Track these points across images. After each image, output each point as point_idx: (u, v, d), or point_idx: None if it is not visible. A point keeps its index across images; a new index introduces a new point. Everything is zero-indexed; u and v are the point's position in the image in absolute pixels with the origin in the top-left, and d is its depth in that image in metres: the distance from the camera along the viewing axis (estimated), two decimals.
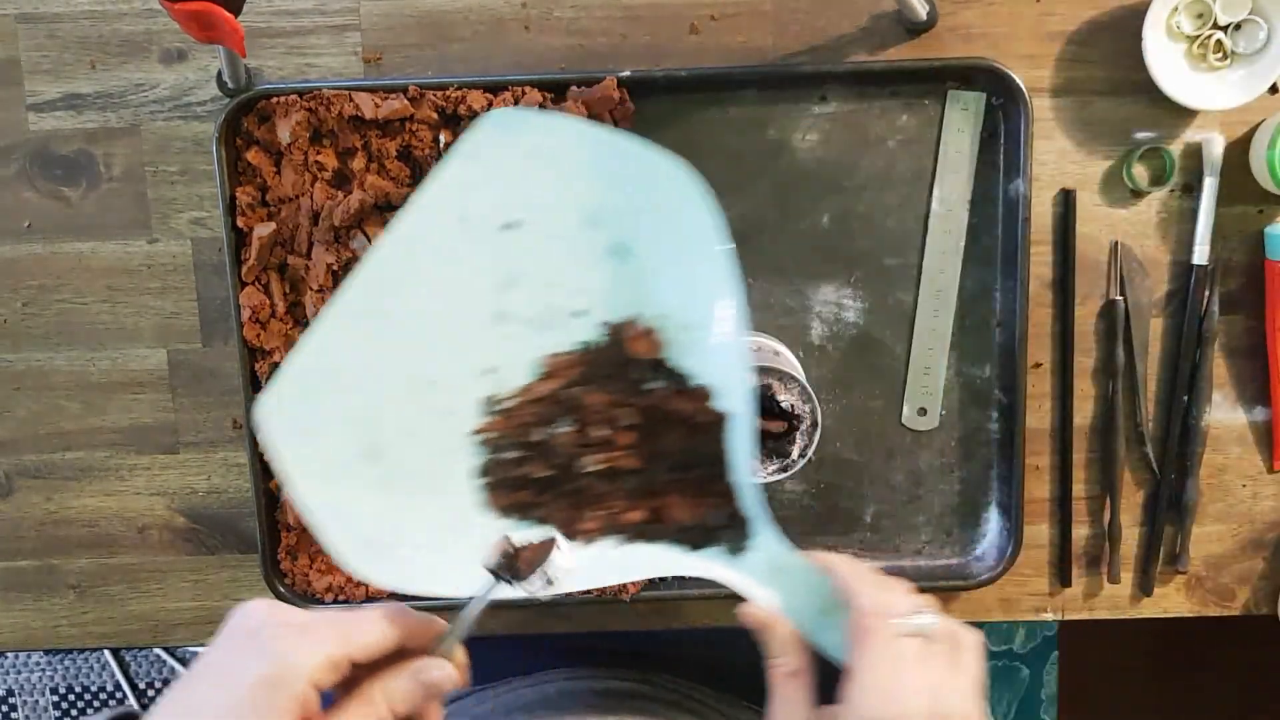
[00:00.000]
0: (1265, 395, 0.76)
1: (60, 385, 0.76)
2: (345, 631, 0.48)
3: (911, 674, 0.52)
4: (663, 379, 0.61)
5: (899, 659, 0.52)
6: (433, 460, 0.61)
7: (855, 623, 0.53)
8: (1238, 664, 1.38)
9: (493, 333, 0.61)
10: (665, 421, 0.61)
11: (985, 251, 0.74)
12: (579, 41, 0.72)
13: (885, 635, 0.52)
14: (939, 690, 0.51)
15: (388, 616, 0.50)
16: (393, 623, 0.50)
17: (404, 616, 0.50)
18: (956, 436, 0.76)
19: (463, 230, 0.61)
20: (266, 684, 0.46)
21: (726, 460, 0.59)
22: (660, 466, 0.61)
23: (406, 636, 0.50)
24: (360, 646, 0.48)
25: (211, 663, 0.49)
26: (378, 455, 0.60)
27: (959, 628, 0.54)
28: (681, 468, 0.61)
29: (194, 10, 0.52)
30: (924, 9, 0.69)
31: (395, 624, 0.50)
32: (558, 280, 0.61)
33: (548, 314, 0.61)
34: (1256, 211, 0.74)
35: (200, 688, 0.48)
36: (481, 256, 0.61)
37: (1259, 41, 0.70)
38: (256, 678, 0.46)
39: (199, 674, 0.49)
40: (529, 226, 0.61)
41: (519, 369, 0.61)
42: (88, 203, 0.74)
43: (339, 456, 0.60)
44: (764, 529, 0.58)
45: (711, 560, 0.58)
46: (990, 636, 1.21)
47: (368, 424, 0.60)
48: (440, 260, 0.61)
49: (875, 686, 0.51)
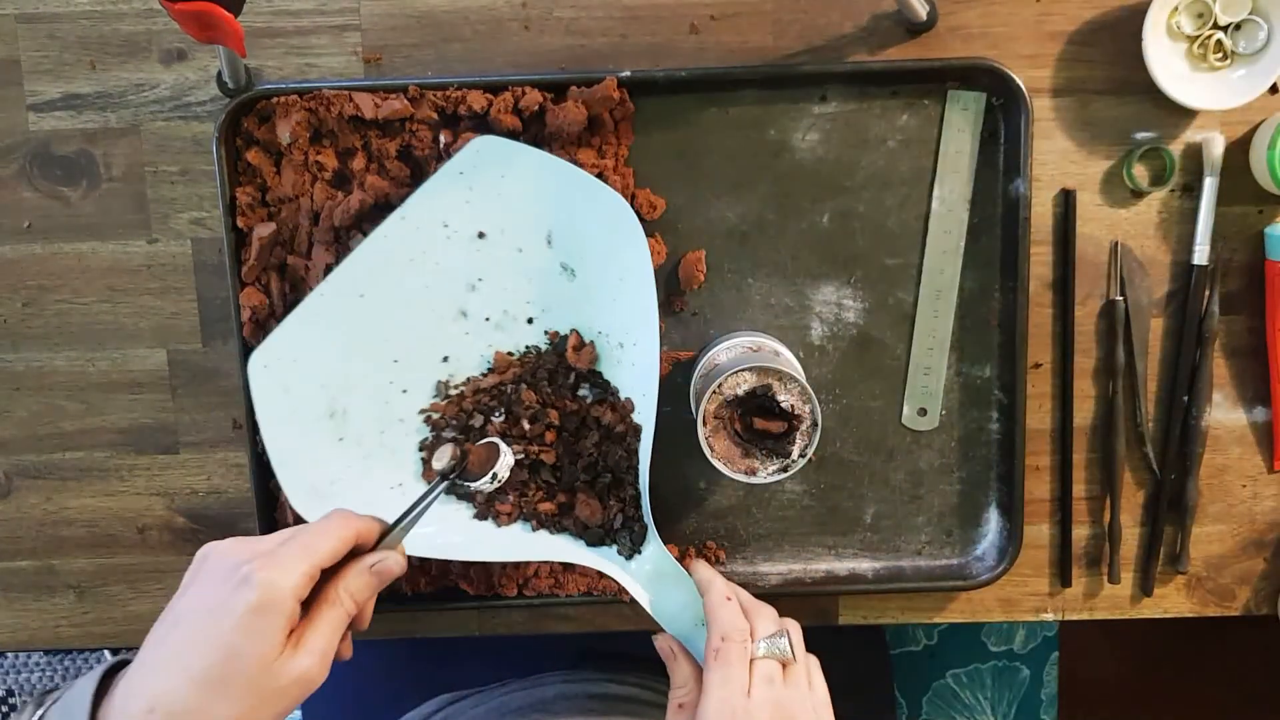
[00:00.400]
0: (1265, 395, 0.76)
1: (60, 385, 0.76)
2: (312, 546, 0.54)
3: (758, 693, 0.58)
4: (592, 388, 0.70)
5: (740, 681, 0.58)
6: (385, 429, 0.70)
7: (709, 644, 0.59)
8: (1238, 664, 1.38)
9: (454, 327, 0.70)
10: (586, 426, 0.70)
11: (985, 251, 0.74)
12: (579, 41, 0.72)
13: (734, 657, 0.58)
14: (784, 708, 0.58)
15: (343, 524, 0.56)
16: (347, 527, 0.56)
17: (355, 521, 0.57)
18: (956, 436, 0.76)
19: (443, 234, 0.69)
20: (258, 611, 0.51)
21: (634, 470, 0.68)
22: (576, 466, 0.70)
23: (358, 537, 0.57)
24: (327, 555, 0.54)
25: (196, 602, 0.53)
26: (340, 416, 0.69)
27: (805, 653, 0.61)
28: (593, 470, 0.70)
29: (194, 10, 0.52)
30: (924, 9, 0.69)
31: (349, 528, 0.56)
32: (515, 289, 0.70)
33: (503, 317, 0.71)
34: (1256, 211, 0.74)
35: (189, 626, 0.52)
36: (455, 259, 0.69)
37: (1259, 41, 0.70)
38: (246, 606, 0.51)
39: (185, 615, 0.53)
40: (497, 238, 0.69)
41: (471, 361, 0.71)
42: (87, 203, 0.74)
43: (307, 413, 0.69)
44: (654, 539, 0.67)
45: (605, 558, 0.68)
46: (990, 636, 1.21)
47: (336, 389, 0.69)
48: (420, 258, 0.69)
49: (721, 707, 0.57)
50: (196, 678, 0.50)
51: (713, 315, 0.74)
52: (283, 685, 0.51)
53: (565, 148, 0.70)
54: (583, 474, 0.70)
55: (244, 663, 0.50)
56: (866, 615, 0.78)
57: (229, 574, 0.52)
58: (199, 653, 0.51)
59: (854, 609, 0.78)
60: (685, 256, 0.73)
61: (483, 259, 0.70)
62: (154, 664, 0.52)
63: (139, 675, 0.52)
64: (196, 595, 0.53)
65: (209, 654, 0.50)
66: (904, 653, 1.24)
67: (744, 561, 0.77)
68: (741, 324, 0.74)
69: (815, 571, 0.77)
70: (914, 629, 1.23)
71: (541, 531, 0.70)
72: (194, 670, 0.50)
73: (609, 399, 0.70)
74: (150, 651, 0.52)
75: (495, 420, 0.70)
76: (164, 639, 0.52)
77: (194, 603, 0.53)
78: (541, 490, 0.71)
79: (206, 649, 0.51)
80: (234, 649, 0.50)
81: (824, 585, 0.76)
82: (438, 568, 0.75)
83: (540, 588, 0.75)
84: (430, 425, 0.71)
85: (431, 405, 0.71)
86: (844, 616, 0.78)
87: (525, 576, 0.75)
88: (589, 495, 0.70)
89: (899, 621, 0.79)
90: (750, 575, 0.77)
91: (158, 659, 0.52)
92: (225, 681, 0.50)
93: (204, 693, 0.50)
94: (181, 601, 0.53)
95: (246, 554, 0.53)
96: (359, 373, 0.70)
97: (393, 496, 0.69)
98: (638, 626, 0.70)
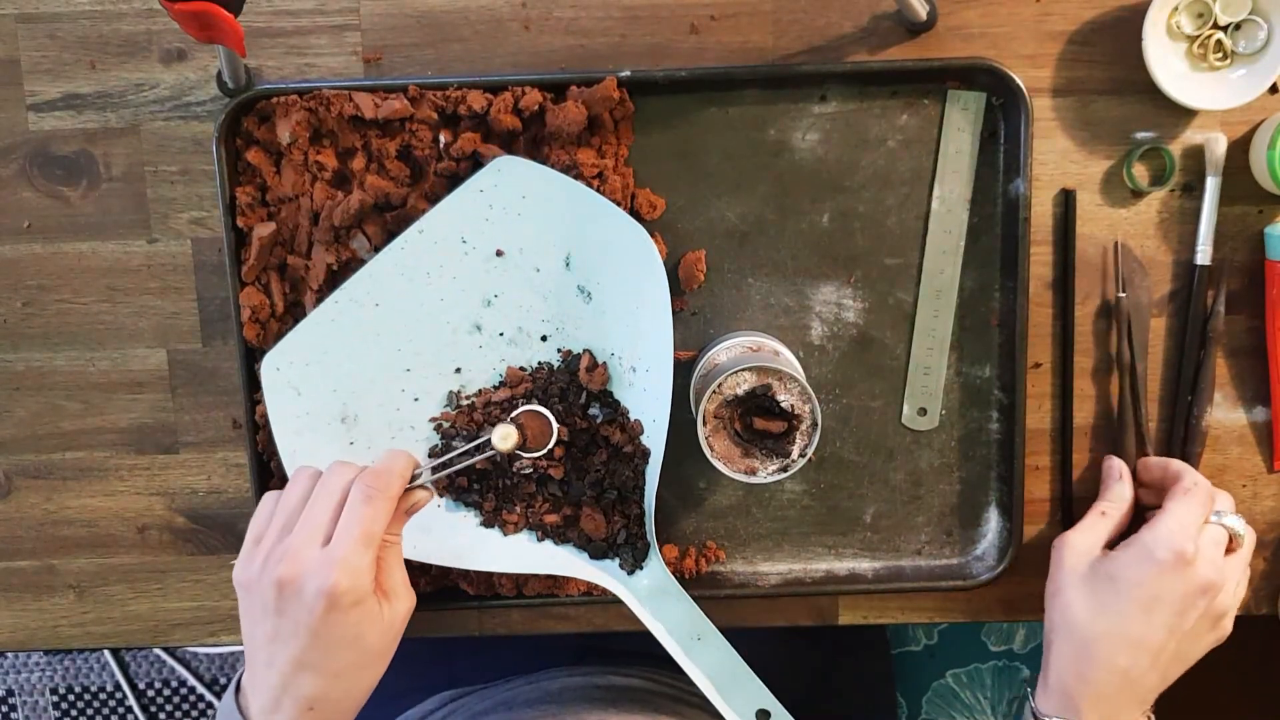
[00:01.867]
0: (1265, 395, 0.76)
1: (60, 385, 0.76)
2: (372, 534, 0.58)
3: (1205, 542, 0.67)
4: (602, 409, 0.71)
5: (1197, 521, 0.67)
6: (395, 435, 0.72)
7: (1181, 485, 0.69)
8: (1238, 664, 1.38)
9: (468, 340, 0.71)
10: (595, 444, 0.71)
11: (985, 251, 0.74)
12: (579, 41, 0.72)
13: (1200, 502, 0.67)
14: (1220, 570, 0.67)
15: (393, 498, 0.60)
16: (394, 499, 0.60)
17: (401, 483, 0.61)
18: (956, 436, 0.76)
19: (461, 250, 0.70)
20: (354, 606, 0.57)
21: (640, 490, 0.70)
22: (583, 481, 0.71)
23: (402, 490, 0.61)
24: (383, 531, 0.59)
25: (297, 623, 0.57)
26: (351, 421, 0.71)
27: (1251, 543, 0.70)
28: (599, 487, 0.71)
29: (194, 10, 0.52)
30: (924, 9, 0.69)
31: (396, 495, 0.60)
32: (530, 307, 0.71)
33: (517, 333, 0.71)
34: (1256, 211, 0.74)
35: (302, 643, 0.57)
36: (472, 275, 0.70)
37: (1259, 41, 0.70)
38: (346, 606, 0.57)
39: (291, 634, 0.57)
40: (515, 257, 0.70)
41: (483, 374, 0.72)
42: (87, 203, 0.74)
43: (319, 415, 0.70)
44: (655, 557, 0.70)
45: (607, 572, 0.70)
46: (990, 637, 1.21)
47: (348, 394, 0.71)
48: (438, 271, 0.70)
49: (1177, 528, 0.66)
50: (336, 671, 0.57)
51: (713, 315, 0.74)
52: (397, 629, 0.60)
53: (565, 148, 0.70)
54: (589, 489, 0.71)
55: (365, 641, 0.58)
56: (866, 615, 0.78)
57: (316, 596, 0.56)
58: (326, 656, 0.57)
59: (854, 609, 0.78)
60: (685, 256, 0.73)
61: (500, 276, 0.70)
62: (285, 678, 0.58)
63: (274, 692, 0.58)
64: (295, 619, 0.57)
65: (336, 654, 0.57)
66: (904, 653, 1.24)
67: (744, 561, 0.77)
68: (741, 324, 0.74)
69: (815, 571, 0.77)
70: (914, 629, 1.23)
71: (546, 542, 0.72)
72: (327, 668, 0.57)
73: (619, 420, 0.71)
74: (273, 674, 0.58)
75: None
76: (277, 661, 0.58)
77: (295, 624, 0.57)
78: (548, 503, 0.72)
79: (327, 651, 0.57)
80: (350, 640, 0.57)
81: (824, 585, 0.76)
82: (438, 568, 0.75)
83: (539, 588, 0.75)
84: (440, 433, 0.72)
85: (442, 414, 0.72)
86: (844, 616, 0.78)
87: (525, 576, 0.75)
88: (594, 510, 0.71)
89: (899, 621, 0.79)
90: (750, 575, 0.77)
91: (285, 675, 0.57)
92: (360, 664, 0.58)
93: (344, 680, 0.58)
94: (284, 624, 0.58)
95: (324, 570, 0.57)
96: (371, 379, 0.71)
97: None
98: (637, 626, 0.70)
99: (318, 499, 0.59)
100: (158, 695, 1.68)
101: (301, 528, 0.58)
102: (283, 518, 0.59)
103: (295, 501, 0.60)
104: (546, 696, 0.79)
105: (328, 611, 0.56)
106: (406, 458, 0.61)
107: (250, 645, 0.59)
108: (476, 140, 0.70)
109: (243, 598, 0.59)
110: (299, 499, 0.60)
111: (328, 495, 0.59)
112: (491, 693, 0.83)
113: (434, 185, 0.71)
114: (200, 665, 1.67)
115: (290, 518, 0.59)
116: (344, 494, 0.59)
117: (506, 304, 0.71)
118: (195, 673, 1.67)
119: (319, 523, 0.58)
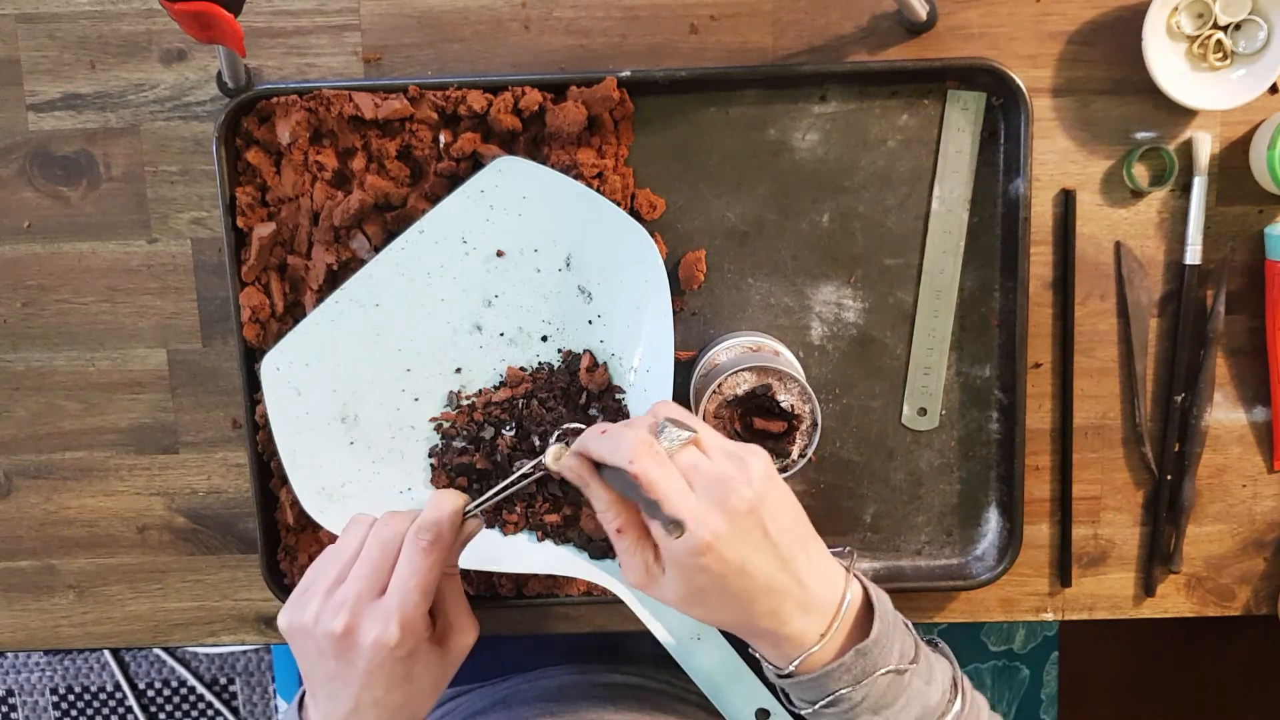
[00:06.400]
0: (1265, 395, 0.76)
1: (60, 385, 0.76)
2: (427, 584, 0.58)
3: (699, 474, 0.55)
4: (601, 408, 0.71)
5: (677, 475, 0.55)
6: (396, 435, 0.71)
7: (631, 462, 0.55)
8: (1238, 664, 1.38)
9: (468, 340, 0.71)
10: None
11: (985, 251, 0.74)
12: (579, 41, 0.72)
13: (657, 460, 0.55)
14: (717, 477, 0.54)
15: (444, 550, 0.59)
16: (445, 549, 0.59)
17: (451, 534, 0.59)
18: (956, 436, 0.76)
19: (462, 250, 0.70)
20: (410, 655, 0.58)
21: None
22: None
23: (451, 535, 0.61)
24: (437, 578, 0.59)
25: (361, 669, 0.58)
26: (352, 421, 0.71)
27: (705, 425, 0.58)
28: None
29: (194, 10, 0.52)
30: (924, 9, 0.69)
31: (447, 546, 0.59)
32: (531, 307, 0.71)
33: (518, 333, 0.71)
34: (1256, 211, 0.74)
35: (361, 685, 0.58)
36: (473, 275, 0.70)
37: (1259, 41, 0.70)
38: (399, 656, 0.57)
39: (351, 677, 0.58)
40: (516, 257, 0.70)
41: (483, 374, 0.72)
42: (87, 203, 0.74)
43: (319, 415, 0.70)
44: None
45: (607, 572, 0.69)
46: (990, 636, 1.21)
47: (348, 394, 0.70)
48: (438, 271, 0.70)
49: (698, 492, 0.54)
50: (398, 703, 0.59)
51: (713, 315, 0.74)
52: (455, 663, 0.61)
53: (565, 148, 0.70)
54: None
55: (417, 684, 0.59)
56: None
57: (375, 648, 0.57)
58: (388, 693, 0.58)
59: None
60: (685, 256, 0.73)
61: (500, 276, 0.70)
62: (348, 711, 0.59)
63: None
64: (354, 665, 0.58)
65: (394, 691, 0.58)
66: None
67: None
68: (741, 324, 0.74)
69: None
70: None
71: (546, 542, 0.72)
72: (389, 702, 0.58)
73: (617, 420, 0.70)
74: (337, 706, 0.59)
75: (506, 434, 0.71)
76: (340, 695, 0.59)
77: (354, 670, 0.58)
78: (548, 503, 0.72)
79: (388, 690, 0.58)
80: (402, 681, 0.58)
81: None
82: None
83: (539, 588, 0.75)
84: (440, 433, 0.72)
85: (443, 414, 0.72)
86: None
87: (524, 576, 0.75)
88: (592, 511, 0.70)
89: None
90: None
91: (348, 709, 0.59)
92: (415, 698, 0.59)
93: (406, 710, 0.59)
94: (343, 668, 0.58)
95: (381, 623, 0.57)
96: (371, 379, 0.71)
97: (402, 500, 0.71)
98: (637, 626, 0.70)
99: (371, 549, 0.59)
100: (158, 695, 1.68)
101: (356, 579, 0.58)
102: (336, 567, 0.59)
103: (350, 552, 0.60)
104: (545, 695, 0.79)
105: (385, 661, 0.57)
106: (455, 499, 0.60)
107: (310, 679, 0.60)
108: (476, 140, 0.70)
109: (294, 641, 0.60)
110: (354, 549, 0.60)
111: (381, 546, 0.59)
112: (490, 691, 0.83)
113: (434, 185, 0.71)
114: (200, 665, 1.67)
115: (344, 568, 0.59)
116: (399, 543, 0.59)
117: (507, 304, 0.71)
118: (195, 673, 1.67)
119: (374, 573, 0.58)
